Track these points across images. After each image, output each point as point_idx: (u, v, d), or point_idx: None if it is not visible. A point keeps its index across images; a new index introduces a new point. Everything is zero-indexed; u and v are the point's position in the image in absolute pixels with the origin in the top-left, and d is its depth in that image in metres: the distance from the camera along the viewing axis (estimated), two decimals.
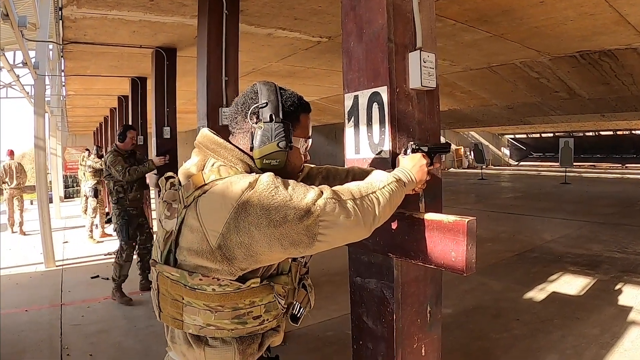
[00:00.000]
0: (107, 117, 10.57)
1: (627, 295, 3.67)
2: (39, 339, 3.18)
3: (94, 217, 6.87)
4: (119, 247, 4.00)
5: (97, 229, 7.10)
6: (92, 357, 2.89)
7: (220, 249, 0.88)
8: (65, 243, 6.81)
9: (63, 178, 13.71)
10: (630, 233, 6.10)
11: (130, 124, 4.38)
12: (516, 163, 25.00)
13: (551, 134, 21.58)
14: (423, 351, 1.49)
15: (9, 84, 14.06)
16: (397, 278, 1.41)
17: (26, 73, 7.10)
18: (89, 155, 7.79)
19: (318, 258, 1.19)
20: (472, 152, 20.52)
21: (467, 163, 22.78)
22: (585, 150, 21.22)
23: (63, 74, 6.40)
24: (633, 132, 19.40)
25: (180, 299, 0.93)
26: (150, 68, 4.90)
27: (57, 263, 5.41)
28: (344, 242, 0.98)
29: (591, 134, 21.10)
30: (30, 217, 8.52)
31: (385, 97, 1.39)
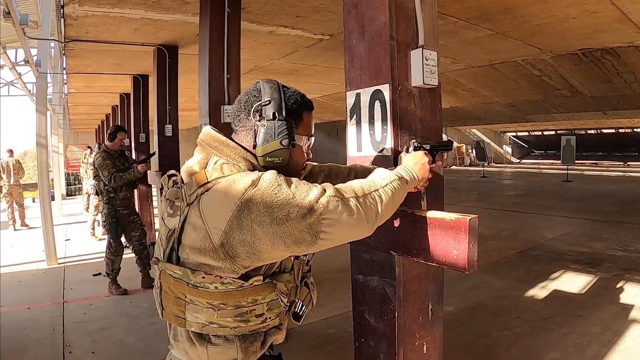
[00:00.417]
0: (109, 114, 10.59)
1: (629, 294, 3.67)
2: (41, 337, 3.20)
3: (95, 215, 6.87)
4: (107, 243, 4.15)
5: (99, 227, 7.10)
6: (94, 354, 2.90)
7: (223, 247, 0.88)
8: (67, 240, 6.83)
9: (65, 176, 13.74)
10: (632, 231, 6.08)
11: (122, 126, 4.43)
12: (518, 161, 24.91)
13: (553, 132, 21.49)
14: (425, 349, 1.49)
15: (11, 81, 14.10)
16: (399, 276, 1.41)
17: (28, 71, 7.12)
18: (91, 152, 7.81)
19: (320, 255, 1.19)
20: (474, 150, 20.46)
21: (469, 161, 22.71)
22: (587, 148, 21.13)
23: (65, 71, 6.40)
24: (635, 130, 19.31)
25: (183, 297, 0.94)
26: (152, 66, 4.90)
27: (59, 260, 5.43)
28: (347, 240, 0.98)
29: (593, 131, 21.02)
30: (32, 215, 8.54)
31: (387, 94, 1.38)
